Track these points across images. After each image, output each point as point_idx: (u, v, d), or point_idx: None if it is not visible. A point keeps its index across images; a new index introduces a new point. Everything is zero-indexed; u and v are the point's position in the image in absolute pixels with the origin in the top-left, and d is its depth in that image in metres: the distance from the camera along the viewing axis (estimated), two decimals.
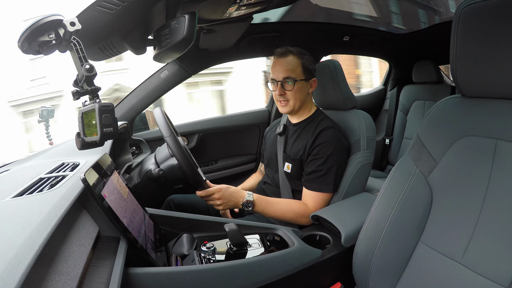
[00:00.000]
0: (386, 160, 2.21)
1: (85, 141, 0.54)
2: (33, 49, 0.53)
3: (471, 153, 0.64)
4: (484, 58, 0.60)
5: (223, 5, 0.81)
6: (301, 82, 1.00)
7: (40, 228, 0.38)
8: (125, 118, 1.38)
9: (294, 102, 1.01)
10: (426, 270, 0.68)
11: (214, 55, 1.46)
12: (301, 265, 0.75)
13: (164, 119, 0.91)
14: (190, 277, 0.59)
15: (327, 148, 0.95)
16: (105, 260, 0.47)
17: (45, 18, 0.50)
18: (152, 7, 0.64)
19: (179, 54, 0.72)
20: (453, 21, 0.64)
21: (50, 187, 0.54)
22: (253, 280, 0.67)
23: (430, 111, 0.74)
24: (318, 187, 0.96)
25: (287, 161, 1.05)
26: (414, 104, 2.05)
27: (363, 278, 0.78)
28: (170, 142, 0.88)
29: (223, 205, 0.93)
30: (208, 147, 1.68)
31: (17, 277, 0.29)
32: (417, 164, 0.73)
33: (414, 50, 2.13)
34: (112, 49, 0.70)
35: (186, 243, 0.74)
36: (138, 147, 1.44)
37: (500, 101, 0.62)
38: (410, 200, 0.72)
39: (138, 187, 0.98)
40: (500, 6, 0.56)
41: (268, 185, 1.16)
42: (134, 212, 0.64)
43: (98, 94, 0.54)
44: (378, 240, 0.74)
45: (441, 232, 0.67)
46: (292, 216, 0.96)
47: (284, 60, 1.00)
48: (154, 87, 1.39)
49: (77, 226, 0.49)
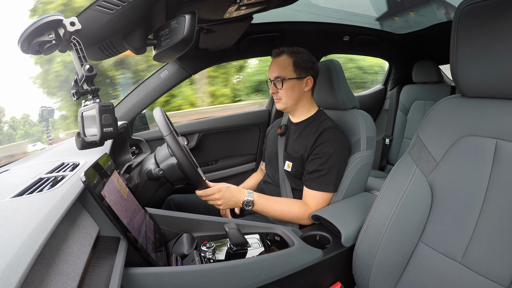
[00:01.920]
0: (386, 160, 2.21)
1: (85, 141, 0.54)
2: (33, 49, 0.53)
3: (472, 153, 0.64)
4: (484, 58, 0.60)
5: (223, 5, 0.81)
6: (291, 80, 1.01)
7: (40, 228, 0.38)
8: (125, 118, 1.38)
9: (286, 100, 1.03)
10: (426, 270, 0.68)
11: (214, 55, 1.46)
12: (301, 265, 0.75)
13: (163, 118, 0.91)
14: (190, 277, 0.59)
15: (329, 148, 0.95)
16: (105, 260, 0.47)
17: (45, 18, 0.50)
18: (152, 7, 0.64)
19: (179, 54, 0.72)
20: (453, 21, 0.64)
21: (50, 187, 0.54)
22: (253, 280, 0.67)
23: (430, 111, 0.74)
24: (319, 186, 0.96)
25: (288, 159, 1.05)
26: (414, 104, 2.05)
27: (363, 278, 0.78)
28: (169, 140, 0.88)
29: (224, 204, 0.93)
30: (208, 147, 1.68)
31: (17, 277, 0.29)
32: (417, 164, 0.73)
33: (414, 50, 2.13)
34: (112, 49, 0.70)
35: (186, 243, 0.74)
36: (138, 147, 1.44)
37: (500, 101, 0.62)
38: (410, 200, 0.72)
39: (138, 187, 0.98)
40: (500, 6, 0.56)
41: (268, 184, 1.16)
42: (134, 212, 0.64)
43: (98, 94, 0.54)
44: (378, 240, 0.74)
45: (441, 232, 0.67)
46: (293, 216, 0.96)
47: (277, 60, 1.03)
48: (154, 87, 1.39)
49: (77, 226, 0.49)
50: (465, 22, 0.62)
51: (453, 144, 0.67)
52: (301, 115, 1.08)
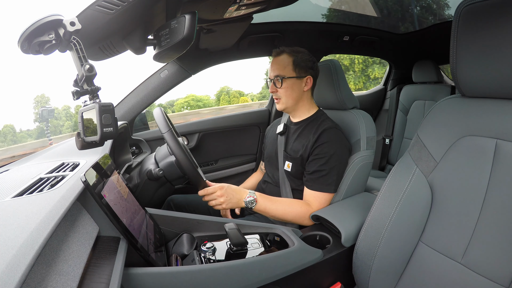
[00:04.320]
0: (386, 160, 2.21)
1: (85, 141, 0.54)
2: (33, 49, 0.53)
3: (471, 153, 0.64)
4: (484, 58, 0.60)
5: (223, 5, 0.81)
6: (290, 79, 1.01)
7: (40, 228, 0.38)
8: (125, 118, 1.38)
9: (286, 99, 1.03)
10: (426, 270, 0.68)
11: (214, 55, 1.46)
12: (301, 265, 0.75)
13: (163, 117, 0.91)
14: (190, 277, 0.59)
15: (329, 148, 0.95)
16: (105, 260, 0.47)
17: (45, 18, 0.50)
18: (152, 7, 0.64)
19: (179, 54, 0.72)
20: (453, 21, 0.64)
21: (50, 187, 0.54)
22: (253, 280, 0.67)
23: (430, 111, 0.74)
24: (320, 187, 0.96)
25: (288, 159, 1.05)
26: (414, 104, 2.05)
27: (363, 278, 0.78)
28: (167, 137, 0.88)
29: (226, 203, 0.93)
30: (208, 147, 1.68)
31: (17, 277, 0.29)
32: (417, 164, 0.73)
33: (414, 50, 2.13)
34: (112, 49, 0.70)
35: (186, 243, 0.74)
36: (138, 147, 1.44)
37: (500, 101, 0.62)
38: (410, 200, 0.71)
39: (138, 187, 0.98)
40: (500, 6, 0.56)
41: (268, 184, 1.16)
42: (135, 212, 0.64)
43: (98, 94, 0.54)
44: (378, 240, 0.74)
45: (441, 232, 0.67)
46: (293, 216, 0.96)
47: (277, 59, 1.03)
48: (154, 87, 1.39)
49: (77, 226, 0.49)
50: (465, 22, 0.62)
51: (453, 144, 0.67)
52: (301, 115, 1.08)
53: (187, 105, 18.83)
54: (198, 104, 17.28)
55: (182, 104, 19.02)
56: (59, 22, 0.51)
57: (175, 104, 19.46)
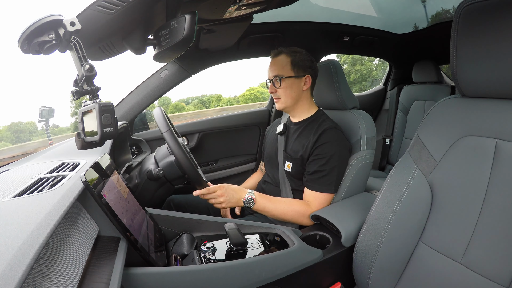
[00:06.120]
0: (386, 160, 2.21)
1: (85, 141, 0.54)
2: (33, 49, 0.53)
3: (471, 153, 0.64)
4: (484, 58, 0.60)
5: (223, 5, 0.81)
6: (289, 79, 1.01)
7: (40, 228, 0.38)
8: (125, 118, 1.38)
9: (285, 99, 1.04)
10: (426, 270, 0.68)
11: (214, 55, 1.46)
12: (301, 265, 0.75)
13: (162, 116, 0.92)
14: (190, 277, 0.59)
15: (330, 149, 0.95)
16: (105, 260, 0.47)
17: (45, 18, 0.50)
18: (152, 7, 0.64)
19: (179, 54, 0.72)
20: (453, 21, 0.64)
21: (50, 187, 0.54)
22: (253, 280, 0.67)
23: (430, 111, 0.74)
24: (320, 187, 0.96)
25: (288, 160, 1.05)
26: (414, 104, 2.05)
27: (363, 278, 0.78)
28: (167, 137, 0.88)
29: (226, 202, 0.93)
30: (208, 147, 1.68)
31: (17, 277, 0.29)
32: (417, 164, 0.73)
33: (414, 50, 2.13)
34: (112, 49, 0.70)
35: (186, 243, 0.74)
36: (138, 147, 1.44)
37: (500, 101, 0.62)
38: (410, 200, 0.71)
39: (138, 187, 0.98)
40: (500, 6, 0.56)
41: (268, 184, 1.16)
42: (135, 212, 0.64)
43: (98, 94, 0.54)
44: (378, 240, 0.74)
45: (441, 232, 0.67)
46: (293, 215, 0.96)
47: (276, 60, 1.04)
48: (154, 87, 1.40)
49: (77, 226, 0.49)
50: (465, 22, 0.62)
51: (453, 144, 0.67)
52: (300, 114, 1.08)
53: (253, 97, 20.54)
54: (263, 96, 18.66)
55: (249, 96, 20.84)
56: (59, 22, 0.51)
57: (240, 96, 22.02)
